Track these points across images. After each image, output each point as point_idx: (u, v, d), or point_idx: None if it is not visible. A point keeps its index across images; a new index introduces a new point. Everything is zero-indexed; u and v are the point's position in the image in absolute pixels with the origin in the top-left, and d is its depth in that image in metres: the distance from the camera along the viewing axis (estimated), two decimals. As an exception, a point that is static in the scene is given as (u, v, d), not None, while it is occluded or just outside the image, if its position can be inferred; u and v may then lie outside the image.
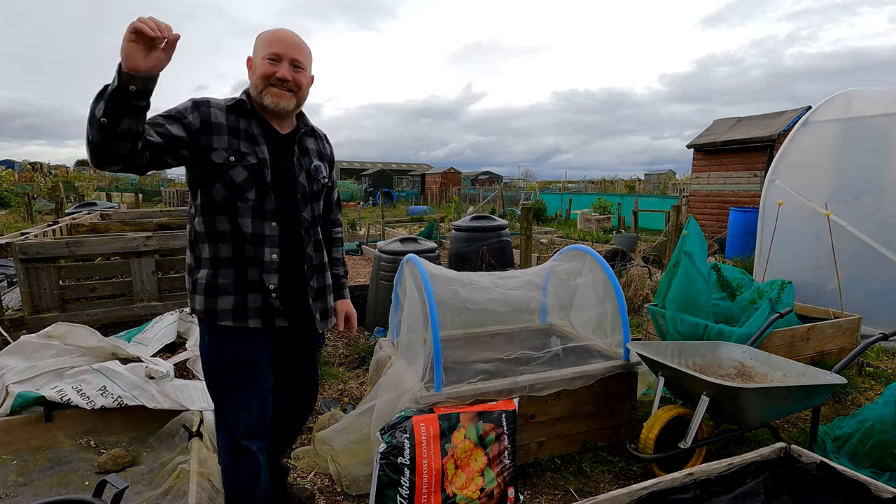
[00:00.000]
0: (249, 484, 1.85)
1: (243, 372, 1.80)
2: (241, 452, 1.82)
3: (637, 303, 5.76)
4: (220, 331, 1.76)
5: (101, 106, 1.33)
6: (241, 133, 1.74)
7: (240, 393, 1.79)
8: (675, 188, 28.55)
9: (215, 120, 1.70)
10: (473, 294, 2.93)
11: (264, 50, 1.74)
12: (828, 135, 5.39)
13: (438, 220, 11.32)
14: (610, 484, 2.60)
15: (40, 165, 37.34)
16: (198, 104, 1.69)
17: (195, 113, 1.68)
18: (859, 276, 4.73)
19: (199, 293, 1.75)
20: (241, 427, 1.80)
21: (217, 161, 1.69)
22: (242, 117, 1.76)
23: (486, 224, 6.55)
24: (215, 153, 1.69)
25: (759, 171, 10.00)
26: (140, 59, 1.32)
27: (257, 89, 1.75)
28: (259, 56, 1.75)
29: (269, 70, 1.73)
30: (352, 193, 34.91)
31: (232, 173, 1.71)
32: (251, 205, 1.74)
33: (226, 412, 1.81)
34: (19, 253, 3.62)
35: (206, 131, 1.69)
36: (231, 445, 1.82)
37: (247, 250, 1.76)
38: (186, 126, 1.65)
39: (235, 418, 1.80)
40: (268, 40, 1.75)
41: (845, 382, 2.57)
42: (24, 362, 2.81)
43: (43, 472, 2.38)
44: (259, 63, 1.74)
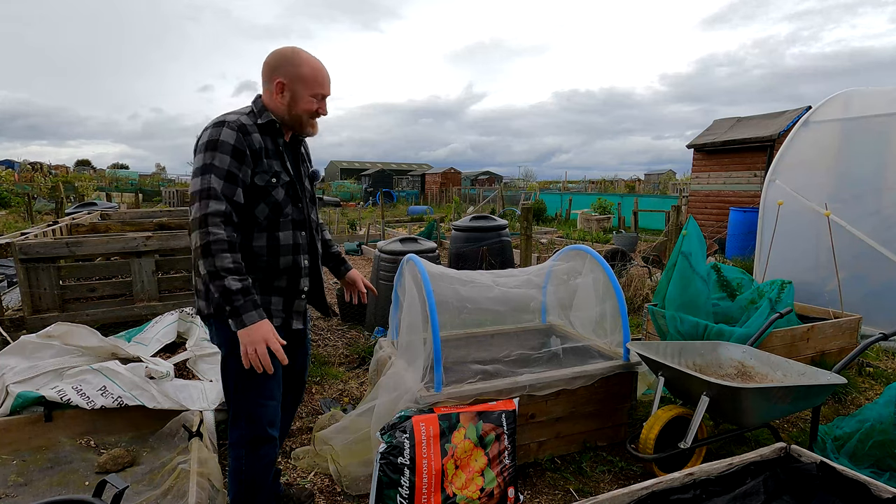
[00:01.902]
0: (267, 472, 1.96)
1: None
2: (263, 442, 1.92)
3: (637, 303, 5.76)
4: None
5: (217, 297, 1.70)
6: (271, 153, 1.85)
7: (264, 382, 1.88)
8: (675, 188, 28.55)
9: (258, 146, 1.81)
10: (473, 293, 2.93)
11: (311, 89, 1.85)
12: (828, 135, 5.39)
13: (438, 220, 11.32)
14: (610, 484, 2.60)
15: (40, 165, 37.35)
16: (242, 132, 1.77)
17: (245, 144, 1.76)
18: (859, 276, 4.73)
19: None
20: (266, 415, 1.91)
21: (260, 184, 1.81)
22: (268, 135, 1.86)
23: (486, 224, 6.56)
24: (258, 177, 1.80)
25: (759, 171, 10.00)
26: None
27: (298, 121, 1.88)
28: (305, 92, 1.85)
29: (314, 107, 1.88)
30: (352, 193, 34.91)
31: (274, 193, 1.84)
32: (290, 219, 1.90)
33: (249, 403, 1.88)
34: (19, 253, 3.62)
35: (255, 158, 1.80)
36: (252, 436, 1.89)
37: (282, 261, 1.89)
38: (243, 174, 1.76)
39: (260, 408, 1.89)
40: (314, 80, 1.86)
41: (845, 382, 2.57)
42: (24, 362, 2.81)
43: (43, 472, 2.38)
44: (305, 100, 1.86)
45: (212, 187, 1.68)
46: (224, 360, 1.91)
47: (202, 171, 1.71)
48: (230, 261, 1.67)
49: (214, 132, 1.74)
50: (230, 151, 1.72)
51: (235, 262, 1.69)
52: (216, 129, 1.75)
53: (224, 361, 1.91)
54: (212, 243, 1.65)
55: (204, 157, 1.72)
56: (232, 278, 1.66)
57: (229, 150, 1.72)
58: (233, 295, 1.66)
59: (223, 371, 1.92)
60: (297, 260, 1.93)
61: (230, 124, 1.76)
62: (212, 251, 1.65)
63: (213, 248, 1.65)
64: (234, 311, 1.67)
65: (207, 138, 1.74)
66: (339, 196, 32.55)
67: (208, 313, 1.86)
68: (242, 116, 1.81)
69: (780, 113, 10.34)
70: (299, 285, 1.96)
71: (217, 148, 1.72)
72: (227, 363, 1.89)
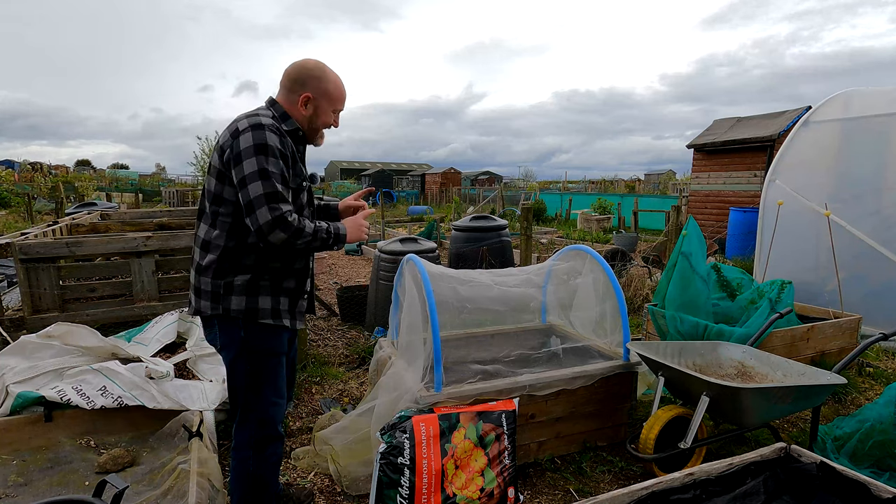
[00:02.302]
0: (275, 470, 2.00)
1: (277, 362, 1.94)
2: (273, 440, 1.96)
3: (637, 303, 5.76)
4: (259, 327, 1.88)
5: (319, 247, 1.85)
6: (297, 157, 1.91)
7: (276, 382, 1.94)
8: (675, 188, 28.54)
9: (290, 150, 1.86)
10: (473, 293, 2.93)
11: (333, 105, 1.95)
12: (828, 135, 5.39)
13: (438, 220, 11.32)
14: (610, 484, 2.60)
15: (40, 165, 37.35)
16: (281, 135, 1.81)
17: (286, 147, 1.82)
18: (859, 276, 4.73)
19: (238, 294, 1.84)
20: (278, 413, 1.95)
21: (293, 187, 1.86)
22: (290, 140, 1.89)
23: (486, 224, 6.56)
24: (292, 180, 1.85)
25: (759, 171, 10.00)
26: None
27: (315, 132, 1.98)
28: (328, 106, 1.94)
29: (331, 121, 1.98)
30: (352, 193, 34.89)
31: (301, 196, 1.92)
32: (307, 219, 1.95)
33: (261, 403, 1.91)
34: (19, 253, 3.62)
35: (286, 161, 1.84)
36: (261, 436, 1.92)
37: (297, 262, 1.95)
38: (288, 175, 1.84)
39: (272, 406, 1.93)
40: (337, 97, 1.95)
41: (845, 382, 2.57)
42: (24, 362, 2.81)
43: (43, 472, 2.38)
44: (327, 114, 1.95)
45: (278, 192, 1.73)
46: (232, 363, 1.90)
47: (261, 176, 1.73)
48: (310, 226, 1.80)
49: (260, 135, 1.76)
50: (277, 155, 1.77)
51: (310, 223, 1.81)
52: (259, 132, 1.76)
53: (232, 364, 1.90)
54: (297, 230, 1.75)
55: (258, 161, 1.74)
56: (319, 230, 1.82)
57: (276, 153, 1.77)
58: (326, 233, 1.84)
59: (231, 373, 1.91)
60: (307, 262, 2.01)
61: (270, 128, 1.78)
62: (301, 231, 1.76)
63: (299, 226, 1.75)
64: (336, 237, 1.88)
65: (255, 141, 1.75)
66: (339, 196, 32.56)
67: (213, 314, 1.85)
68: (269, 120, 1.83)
69: (780, 113, 10.34)
70: (305, 286, 2.01)
71: (268, 152, 1.76)
72: (236, 365, 1.89)
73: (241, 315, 1.85)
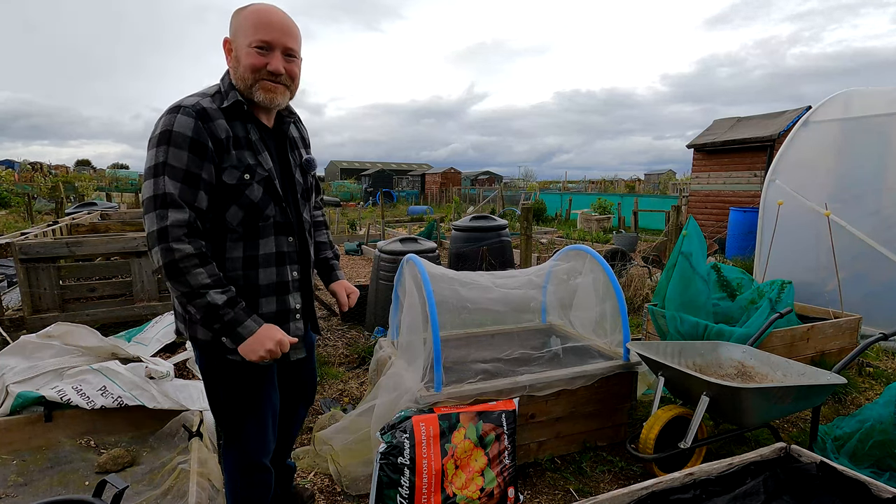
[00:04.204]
0: (264, 495, 1.82)
1: (258, 396, 1.67)
2: (257, 470, 1.76)
3: (637, 303, 5.76)
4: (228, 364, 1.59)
5: (202, 321, 1.48)
6: (242, 142, 1.52)
7: (254, 416, 1.68)
8: (675, 188, 28.55)
9: (224, 135, 1.48)
10: (473, 293, 2.93)
11: (250, 35, 1.48)
12: (828, 135, 5.39)
13: (438, 220, 11.32)
14: (610, 484, 2.60)
15: (40, 165, 37.36)
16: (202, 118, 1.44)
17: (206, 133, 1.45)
18: (859, 276, 4.73)
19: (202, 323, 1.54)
20: (258, 446, 1.72)
21: (230, 182, 1.49)
22: (237, 120, 1.53)
23: (486, 224, 6.56)
24: (227, 173, 1.48)
25: (759, 170, 10.00)
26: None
27: (245, 83, 1.51)
28: (243, 42, 1.48)
29: (258, 61, 1.49)
30: (352, 193, 34.91)
31: (248, 192, 1.52)
32: (271, 222, 1.58)
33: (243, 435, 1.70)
34: (19, 253, 3.62)
35: (220, 150, 1.48)
36: (245, 464, 1.74)
37: (262, 275, 1.58)
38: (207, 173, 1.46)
39: (250, 439, 1.70)
40: (254, 23, 1.48)
41: (845, 382, 2.57)
42: (24, 362, 2.81)
43: (43, 472, 2.38)
44: (244, 52, 1.48)
45: (168, 193, 1.38)
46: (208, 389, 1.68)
47: (154, 173, 1.40)
48: (205, 276, 1.41)
49: (167, 121, 1.42)
50: (187, 145, 1.41)
51: (212, 275, 1.42)
52: (169, 116, 1.43)
53: (209, 390, 1.68)
54: (178, 261, 1.38)
55: (156, 154, 1.40)
56: (213, 293, 1.40)
57: (186, 143, 1.41)
58: (219, 310, 1.41)
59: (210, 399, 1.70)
60: (282, 273, 1.62)
61: (186, 110, 1.43)
62: (180, 270, 1.38)
63: (182, 265, 1.38)
64: (227, 326, 1.42)
65: (160, 129, 1.42)
66: (340, 196, 32.56)
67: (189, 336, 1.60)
68: (204, 99, 1.49)
69: (780, 113, 10.34)
70: (288, 304, 1.65)
71: (171, 142, 1.40)
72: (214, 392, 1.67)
73: (208, 348, 1.58)
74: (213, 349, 1.58)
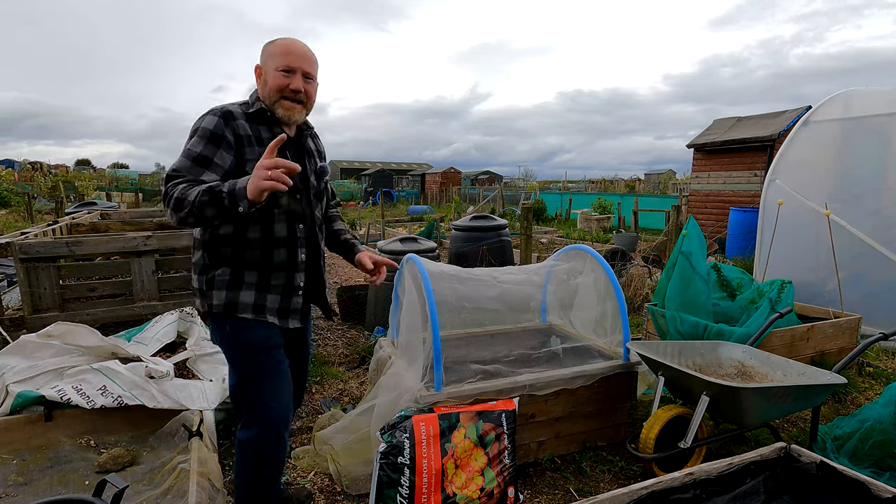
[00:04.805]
0: (277, 471, 1.94)
1: (270, 358, 1.86)
2: (277, 442, 1.88)
3: (637, 302, 5.76)
4: (240, 321, 1.81)
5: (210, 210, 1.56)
6: (264, 141, 1.78)
7: (271, 381, 1.85)
8: (675, 188, 28.55)
9: (245, 132, 1.77)
10: (473, 292, 2.93)
11: (277, 61, 1.79)
12: (828, 134, 5.39)
13: (438, 220, 11.32)
14: (610, 483, 2.60)
15: (40, 165, 37.36)
16: (226, 118, 1.75)
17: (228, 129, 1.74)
18: (859, 276, 4.73)
19: (218, 288, 1.80)
20: (276, 415, 1.86)
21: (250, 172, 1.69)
22: (263, 125, 1.83)
23: (486, 224, 6.56)
24: (249, 165, 1.73)
25: (759, 170, 10.00)
26: (264, 196, 1.52)
27: (270, 100, 1.82)
28: (271, 67, 1.81)
29: (282, 82, 1.79)
30: (352, 193, 34.90)
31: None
32: (284, 210, 1.83)
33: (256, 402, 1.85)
34: (19, 252, 3.61)
35: (240, 144, 1.76)
36: (263, 436, 1.85)
37: (276, 255, 1.84)
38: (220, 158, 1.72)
39: (269, 408, 1.85)
40: (280, 52, 1.80)
41: (845, 382, 2.57)
42: (24, 362, 2.81)
43: (43, 472, 2.38)
44: (272, 75, 1.80)
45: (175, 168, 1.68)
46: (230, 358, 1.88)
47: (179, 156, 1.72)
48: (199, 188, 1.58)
49: (199, 121, 1.76)
50: (207, 136, 1.71)
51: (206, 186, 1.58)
52: (201, 118, 1.77)
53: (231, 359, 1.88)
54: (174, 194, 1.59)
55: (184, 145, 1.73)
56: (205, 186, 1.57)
57: (207, 134, 1.71)
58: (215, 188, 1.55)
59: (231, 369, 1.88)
60: (293, 254, 1.89)
61: (214, 111, 1.77)
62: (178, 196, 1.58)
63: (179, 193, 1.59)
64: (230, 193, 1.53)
65: (193, 127, 1.76)
66: (340, 196, 32.56)
67: (204, 311, 1.85)
68: (231, 105, 1.82)
69: (780, 113, 10.34)
70: (294, 280, 1.91)
71: (195, 134, 1.73)
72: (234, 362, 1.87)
73: (222, 311, 1.82)
74: (227, 311, 1.80)
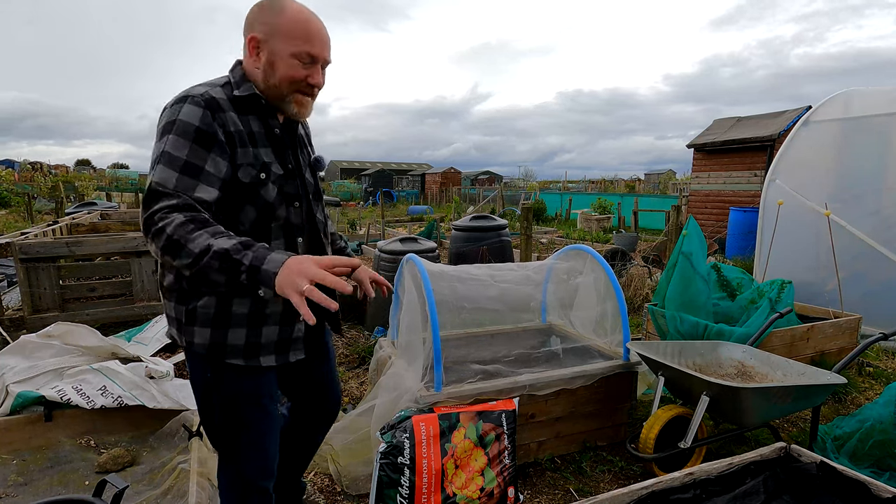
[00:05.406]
0: None
1: (254, 409, 1.53)
2: (255, 493, 1.59)
3: (637, 302, 5.76)
4: (226, 368, 1.46)
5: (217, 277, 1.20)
6: (259, 138, 1.43)
7: (253, 433, 1.54)
8: (675, 188, 28.55)
9: (235, 128, 1.37)
10: (472, 291, 2.93)
11: (293, 46, 1.37)
12: (828, 134, 5.39)
13: (438, 220, 11.33)
14: (610, 483, 2.59)
15: (40, 165, 37.37)
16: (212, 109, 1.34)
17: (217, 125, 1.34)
18: (859, 276, 4.73)
19: (201, 324, 1.42)
20: (257, 467, 1.57)
21: (244, 180, 1.38)
22: (252, 114, 1.43)
23: (486, 224, 6.56)
24: (242, 170, 1.37)
25: (759, 170, 10.00)
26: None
27: (278, 91, 1.42)
28: (284, 49, 1.37)
29: (299, 74, 1.40)
30: (352, 193, 34.92)
31: (263, 192, 1.42)
32: (282, 223, 1.48)
33: (238, 455, 1.56)
34: (19, 253, 3.62)
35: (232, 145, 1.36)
36: (241, 486, 1.58)
37: None
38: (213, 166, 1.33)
39: (249, 459, 1.56)
40: (299, 34, 1.37)
41: (845, 382, 2.57)
42: (24, 362, 2.81)
43: (43, 472, 2.38)
44: (285, 62, 1.38)
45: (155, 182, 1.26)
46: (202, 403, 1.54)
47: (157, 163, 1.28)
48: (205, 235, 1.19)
49: (173, 111, 1.32)
50: (191, 135, 1.30)
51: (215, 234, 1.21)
52: (175, 106, 1.33)
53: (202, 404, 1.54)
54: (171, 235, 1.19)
55: (158, 146, 1.30)
56: (218, 241, 1.18)
57: (191, 132, 1.30)
58: (233, 255, 1.17)
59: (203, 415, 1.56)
60: None
61: (194, 99, 1.32)
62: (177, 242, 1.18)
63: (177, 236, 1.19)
64: (250, 270, 1.16)
65: (164, 121, 1.32)
66: (339, 196, 32.56)
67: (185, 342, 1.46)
68: (213, 89, 1.38)
69: (780, 113, 10.34)
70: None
71: (173, 131, 1.29)
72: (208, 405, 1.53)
73: (204, 353, 1.44)
74: (211, 354, 1.44)
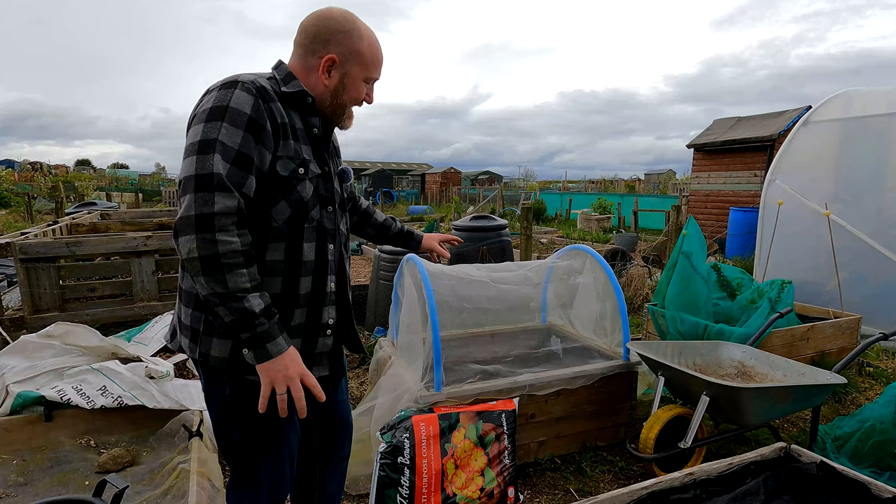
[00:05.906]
0: None
1: (279, 431, 1.45)
2: None
3: (637, 302, 5.76)
4: (246, 385, 1.37)
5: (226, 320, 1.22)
6: (300, 134, 1.39)
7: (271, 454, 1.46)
8: (675, 188, 28.56)
9: (281, 120, 1.33)
10: (472, 292, 2.93)
11: (366, 71, 1.43)
12: (828, 134, 5.39)
13: (438, 220, 11.34)
14: (610, 484, 2.60)
15: (40, 165, 37.39)
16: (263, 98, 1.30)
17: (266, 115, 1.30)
18: (859, 276, 4.73)
19: (221, 335, 1.35)
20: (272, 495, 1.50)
21: (283, 174, 1.33)
22: (295, 110, 1.39)
23: (486, 224, 6.55)
24: (281, 163, 1.33)
25: (759, 170, 10.00)
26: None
27: (340, 110, 1.46)
28: (358, 73, 1.42)
29: (362, 94, 1.46)
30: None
31: (300, 189, 1.37)
32: (314, 225, 1.42)
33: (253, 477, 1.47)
34: (19, 253, 3.62)
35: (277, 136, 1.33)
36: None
37: (303, 283, 1.41)
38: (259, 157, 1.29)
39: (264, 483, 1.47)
40: (370, 60, 1.43)
41: (845, 382, 2.57)
42: (24, 362, 2.81)
43: (43, 472, 2.38)
44: (356, 84, 1.43)
45: (216, 174, 1.19)
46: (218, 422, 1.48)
47: (200, 149, 1.20)
48: (247, 278, 1.21)
49: (223, 95, 1.26)
50: (244, 123, 1.24)
51: (254, 279, 1.23)
52: (226, 91, 1.27)
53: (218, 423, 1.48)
54: (222, 255, 1.17)
55: (204, 130, 1.22)
56: (252, 297, 1.21)
57: (244, 121, 1.24)
58: (255, 319, 1.21)
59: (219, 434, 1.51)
60: (321, 282, 1.45)
61: (245, 85, 1.28)
62: (221, 266, 1.18)
63: (225, 261, 1.18)
64: (256, 338, 1.22)
65: (212, 104, 1.25)
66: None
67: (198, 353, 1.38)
68: (261, 78, 1.35)
69: (780, 113, 10.35)
70: (322, 318, 1.47)
71: (225, 117, 1.23)
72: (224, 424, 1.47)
73: (223, 367, 1.36)
74: (231, 370, 1.37)
